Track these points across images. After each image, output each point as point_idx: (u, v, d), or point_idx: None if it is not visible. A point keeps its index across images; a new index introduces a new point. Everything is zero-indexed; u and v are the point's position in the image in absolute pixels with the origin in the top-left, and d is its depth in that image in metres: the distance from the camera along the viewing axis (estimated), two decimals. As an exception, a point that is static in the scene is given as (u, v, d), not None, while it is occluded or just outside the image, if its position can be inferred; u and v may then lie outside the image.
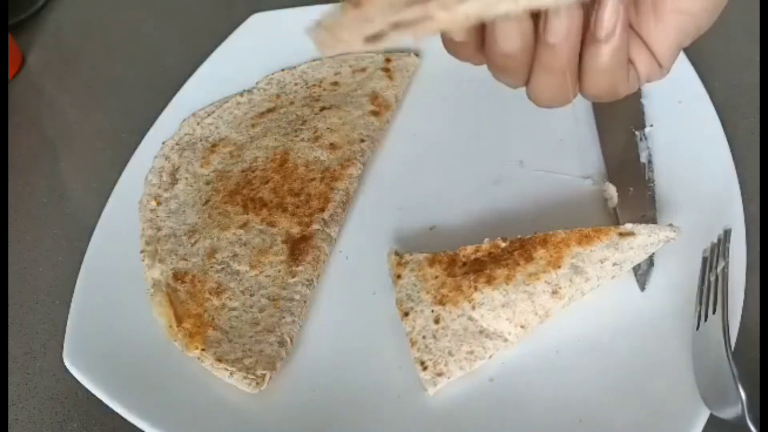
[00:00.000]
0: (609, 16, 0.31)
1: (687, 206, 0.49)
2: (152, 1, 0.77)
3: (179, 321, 0.46)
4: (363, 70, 0.61)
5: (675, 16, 0.34)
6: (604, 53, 0.33)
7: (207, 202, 0.53)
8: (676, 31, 0.34)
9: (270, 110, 0.59)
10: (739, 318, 0.42)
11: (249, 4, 0.68)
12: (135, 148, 0.57)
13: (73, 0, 0.77)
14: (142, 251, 0.51)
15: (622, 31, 0.32)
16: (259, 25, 0.65)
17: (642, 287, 0.46)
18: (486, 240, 0.47)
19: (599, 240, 0.45)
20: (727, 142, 0.51)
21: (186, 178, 0.55)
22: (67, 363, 0.45)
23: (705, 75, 0.55)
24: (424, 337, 0.44)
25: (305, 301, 0.48)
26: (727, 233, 0.43)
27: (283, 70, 0.62)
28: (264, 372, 0.44)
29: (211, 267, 0.49)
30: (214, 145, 0.57)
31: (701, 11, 0.34)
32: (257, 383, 0.43)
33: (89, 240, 0.51)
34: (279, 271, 0.49)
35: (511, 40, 0.32)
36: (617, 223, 0.48)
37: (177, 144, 0.57)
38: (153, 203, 0.53)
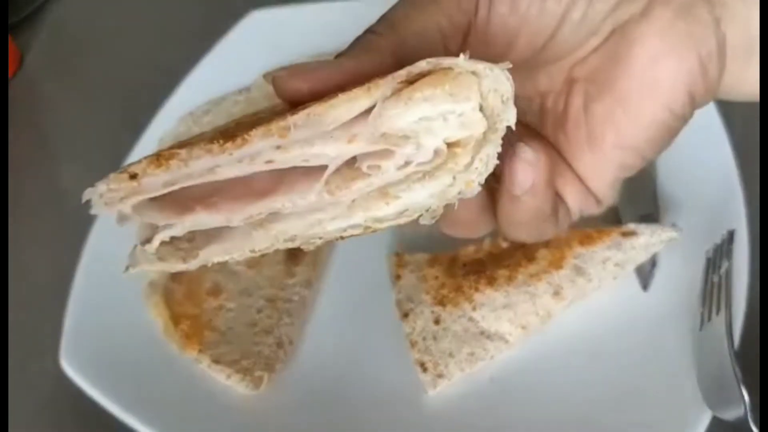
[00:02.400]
0: (523, 172, 0.26)
1: (689, 206, 0.48)
2: (150, -1, 0.77)
3: (176, 322, 0.46)
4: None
5: (617, 152, 0.29)
6: (521, 210, 0.27)
7: (205, 201, 0.53)
8: (617, 168, 0.29)
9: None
10: (741, 318, 0.42)
11: (247, 1, 0.67)
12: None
13: (72, -1, 0.77)
14: (139, 251, 0.50)
15: (544, 188, 0.27)
16: (257, 22, 0.64)
17: (644, 287, 0.45)
18: (487, 240, 0.46)
19: (601, 240, 0.45)
20: (728, 141, 0.50)
21: (184, 178, 0.55)
22: (64, 364, 0.45)
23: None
24: (424, 339, 0.44)
25: (304, 302, 0.47)
26: (730, 234, 0.43)
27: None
28: (262, 373, 0.43)
29: (209, 267, 0.49)
30: (212, 144, 0.57)
31: (647, 144, 0.28)
32: (255, 385, 0.43)
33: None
34: (277, 272, 0.48)
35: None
36: (619, 223, 0.48)
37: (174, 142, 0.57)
38: (151, 203, 0.53)
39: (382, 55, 0.24)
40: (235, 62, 0.62)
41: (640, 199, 0.49)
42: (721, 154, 0.50)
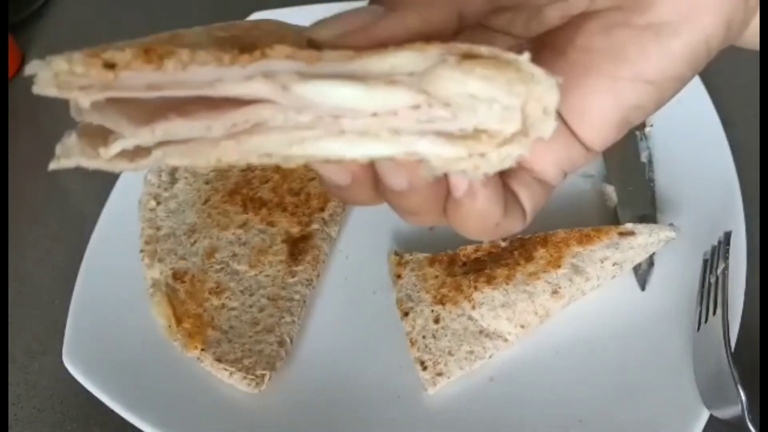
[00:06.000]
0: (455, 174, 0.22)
1: (687, 206, 0.49)
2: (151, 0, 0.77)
3: (179, 321, 0.46)
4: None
5: (631, 85, 0.24)
6: (467, 213, 0.24)
7: (206, 201, 0.53)
8: (627, 106, 0.25)
9: (269, 109, 0.59)
10: (739, 319, 0.42)
11: (248, 2, 0.67)
12: (135, 148, 0.57)
13: (73, -1, 0.77)
14: (141, 251, 0.50)
15: (481, 188, 0.24)
16: (258, 24, 0.64)
17: (642, 287, 0.46)
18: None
19: (599, 240, 0.45)
20: (727, 142, 0.51)
21: (185, 178, 0.55)
22: (66, 363, 0.45)
23: (705, 75, 0.55)
24: (424, 337, 0.44)
25: (305, 301, 0.48)
26: (727, 235, 0.43)
27: (283, 69, 0.61)
28: (263, 372, 0.44)
29: (211, 267, 0.49)
30: (213, 145, 0.57)
31: (670, 80, 0.24)
32: (257, 383, 0.43)
33: (89, 240, 0.51)
34: (278, 271, 0.49)
35: (397, 175, 0.23)
36: (617, 222, 0.48)
37: (177, 143, 0.57)
38: (152, 203, 0.53)
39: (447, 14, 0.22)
40: (237, 63, 0.62)
41: (638, 200, 0.49)
42: (719, 155, 0.50)
